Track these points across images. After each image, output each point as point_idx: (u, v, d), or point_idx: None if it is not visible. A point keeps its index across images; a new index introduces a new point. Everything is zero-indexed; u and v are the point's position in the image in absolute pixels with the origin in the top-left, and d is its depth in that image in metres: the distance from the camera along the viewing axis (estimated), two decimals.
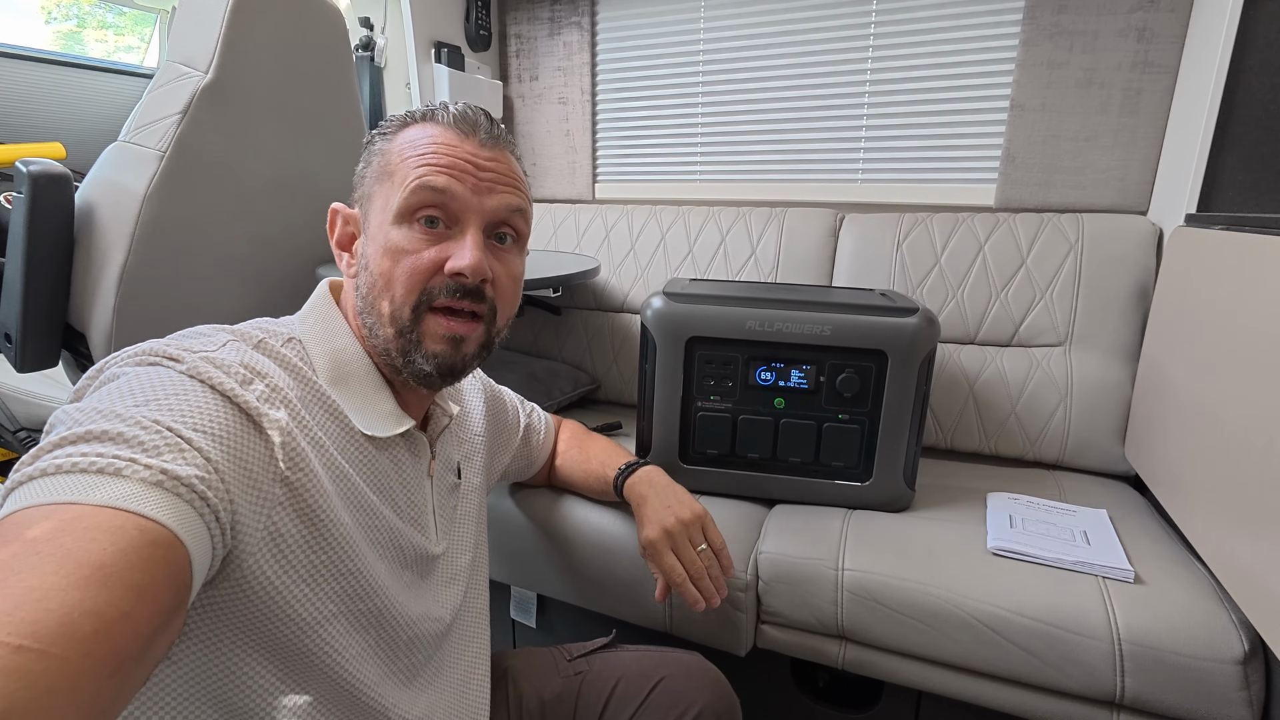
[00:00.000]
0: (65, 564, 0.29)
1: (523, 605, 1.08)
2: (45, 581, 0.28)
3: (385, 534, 0.52)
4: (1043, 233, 1.17)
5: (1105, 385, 1.09)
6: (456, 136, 0.52)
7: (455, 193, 0.51)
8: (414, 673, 0.56)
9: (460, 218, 0.52)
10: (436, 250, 0.51)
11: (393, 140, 0.53)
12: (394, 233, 0.51)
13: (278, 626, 0.44)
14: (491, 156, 0.53)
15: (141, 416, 0.37)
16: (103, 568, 0.30)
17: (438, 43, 1.51)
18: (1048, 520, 0.89)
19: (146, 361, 0.42)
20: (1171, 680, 0.69)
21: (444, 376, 0.53)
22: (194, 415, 0.39)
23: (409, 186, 0.50)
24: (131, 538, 0.32)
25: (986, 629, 0.76)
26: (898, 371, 0.89)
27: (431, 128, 0.53)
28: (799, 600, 0.84)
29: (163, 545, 0.33)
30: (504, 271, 0.55)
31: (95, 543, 0.30)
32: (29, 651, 0.26)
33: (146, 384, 0.39)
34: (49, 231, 0.95)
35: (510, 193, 0.54)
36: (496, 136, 0.54)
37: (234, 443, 0.40)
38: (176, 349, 0.42)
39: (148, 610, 0.31)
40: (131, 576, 0.31)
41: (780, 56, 1.44)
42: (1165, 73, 1.13)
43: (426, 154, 0.51)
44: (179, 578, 0.34)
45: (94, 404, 0.37)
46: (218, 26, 0.96)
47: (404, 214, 0.51)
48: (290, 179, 1.13)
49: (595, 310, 1.47)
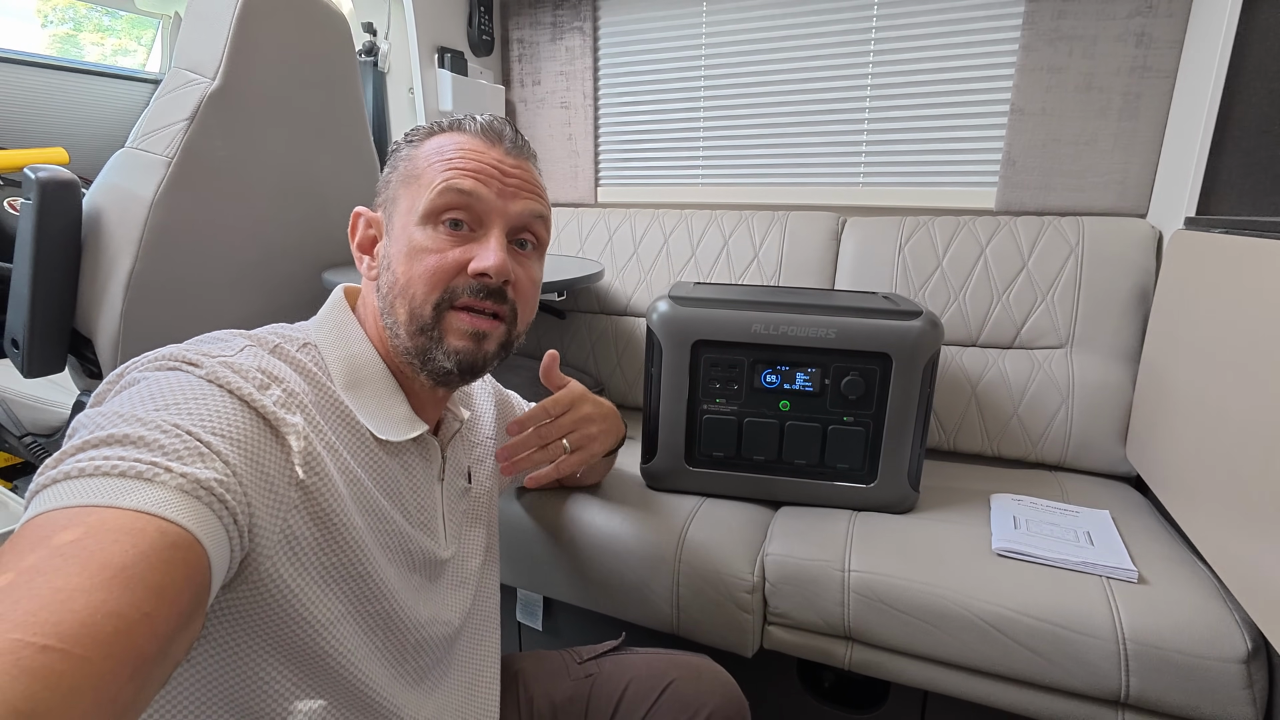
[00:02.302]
0: (89, 566, 0.30)
1: (529, 608, 1.08)
2: (70, 583, 0.29)
3: (395, 538, 0.53)
4: (1043, 236, 1.18)
5: (1106, 387, 1.10)
6: (483, 144, 0.54)
7: (481, 195, 0.52)
8: (422, 675, 0.56)
9: (485, 220, 0.53)
10: (461, 251, 0.52)
11: (420, 147, 0.55)
12: (418, 233, 0.52)
13: (292, 628, 0.44)
14: (516, 164, 0.55)
15: (162, 421, 0.37)
16: (125, 569, 0.30)
17: (440, 48, 1.51)
18: (1051, 521, 0.90)
19: (166, 366, 0.42)
20: (1176, 679, 0.70)
21: (464, 374, 0.54)
22: (213, 420, 0.39)
23: (436, 188, 0.51)
24: (152, 540, 0.32)
25: (992, 629, 0.76)
26: (902, 374, 0.90)
27: (459, 136, 0.54)
28: (805, 601, 0.85)
29: (182, 547, 0.33)
30: (525, 275, 0.56)
31: (118, 545, 0.31)
32: (54, 651, 0.26)
33: (166, 389, 0.40)
34: (57, 237, 0.95)
35: (533, 199, 0.56)
36: (520, 147, 0.56)
37: (252, 447, 0.40)
38: (195, 354, 0.43)
39: (167, 611, 0.31)
40: (152, 578, 0.31)
41: (782, 61, 1.45)
42: (1164, 77, 1.15)
43: (454, 159, 0.53)
44: (198, 579, 0.34)
45: (115, 408, 0.38)
46: (225, 33, 0.96)
47: (429, 215, 0.52)
48: (296, 184, 1.14)
49: (599, 314, 1.47)
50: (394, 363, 0.55)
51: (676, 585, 0.88)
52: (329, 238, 1.20)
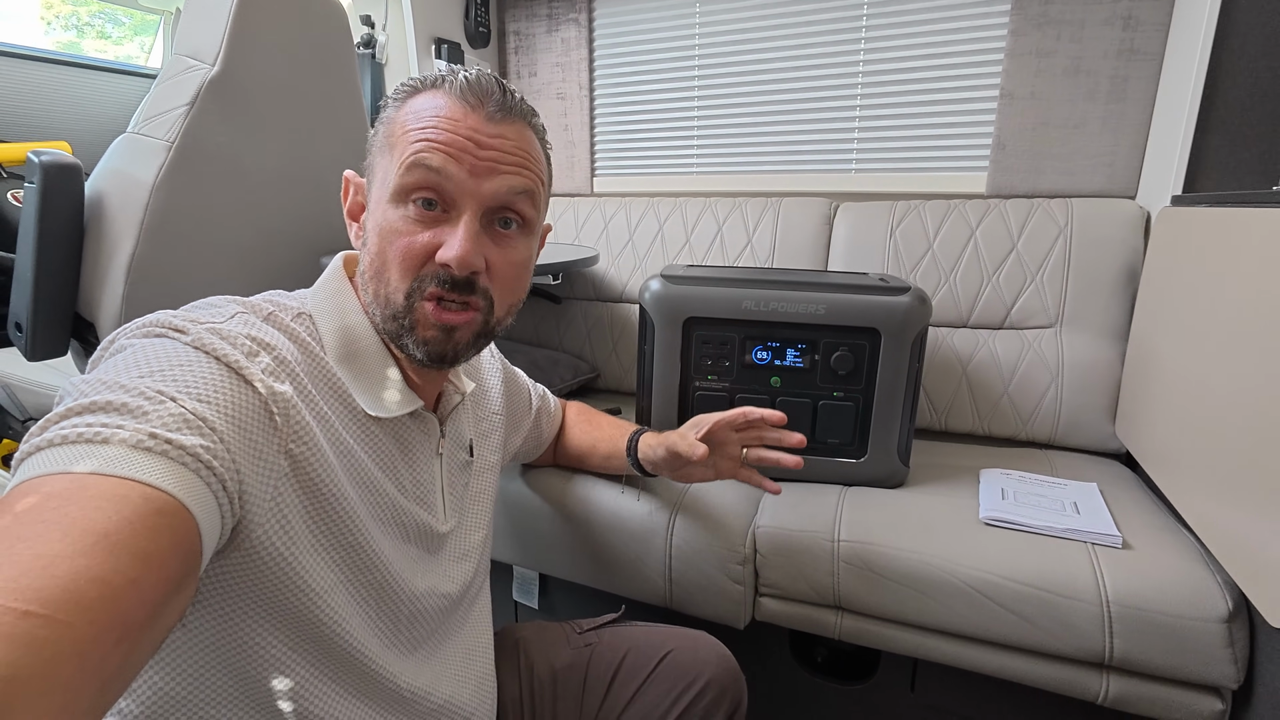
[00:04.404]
0: (71, 531, 0.29)
1: (525, 586, 1.10)
2: (51, 549, 0.28)
3: (389, 510, 0.52)
4: (1033, 218, 1.19)
5: (1096, 365, 1.11)
6: (462, 109, 0.49)
7: (450, 173, 0.48)
8: (417, 644, 0.56)
9: (456, 201, 0.49)
10: (431, 235, 0.49)
11: (401, 108, 0.51)
12: (390, 212, 0.49)
13: (286, 596, 0.44)
14: (498, 133, 0.50)
15: (145, 387, 0.37)
16: (108, 535, 0.30)
17: (438, 39, 1.53)
18: (1039, 493, 0.91)
19: (154, 333, 0.42)
20: (1159, 640, 0.71)
21: (435, 362, 0.52)
22: (198, 386, 0.39)
23: (404, 163, 0.48)
24: (136, 506, 0.32)
25: (979, 595, 0.77)
26: (891, 349, 0.91)
27: (439, 97, 0.50)
28: (796, 572, 0.86)
29: (169, 514, 0.33)
30: (503, 258, 0.52)
31: (100, 511, 0.31)
32: (35, 617, 0.26)
33: (152, 355, 0.40)
34: (60, 221, 0.97)
35: (514, 173, 0.50)
36: (509, 108, 0.51)
37: (238, 414, 0.40)
38: (183, 320, 0.43)
39: (155, 578, 0.31)
40: (138, 544, 0.31)
41: (774, 50, 1.46)
42: (1150, 60, 1.16)
43: (427, 128, 0.49)
44: (187, 546, 0.34)
45: (99, 375, 0.38)
46: (224, 20, 0.98)
47: (399, 193, 0.49)
48: (295, 170, 1.15)
49: (594, 300, 1.49)
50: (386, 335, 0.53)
51: (669, 559, 0.89)
52: (327, 224, 1.22)
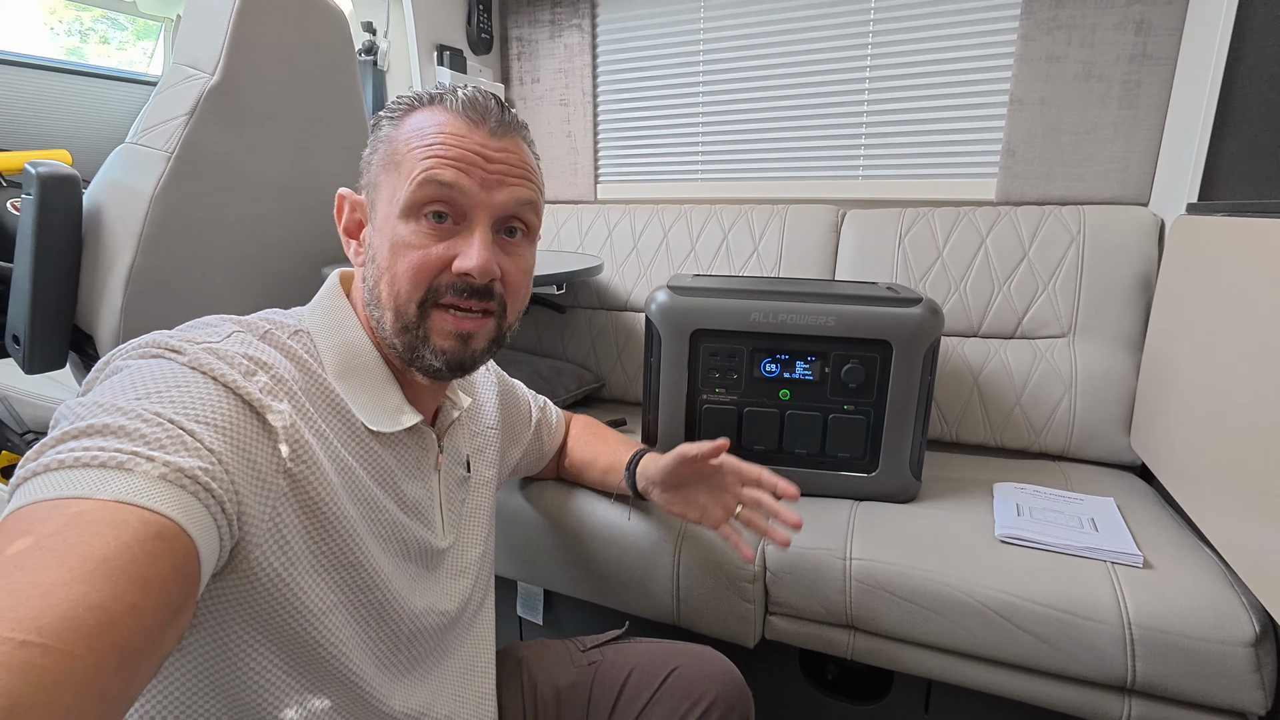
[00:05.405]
0: (69, 559, 0.29)
1: (529, 602, 1.08)
2: (50, 577, 0.28)
3: (389, 528, 0.52)
4: (1044, 225, 1.17)
5: (1110, 375, 1.09)
6: (465, 125, 0.50)
7: (463, 187, 0.49)
8: (414, 664, 0.55)
9: (468, 213, 0.51)
10: (444, 247, 0.50)
11: (399, 126, 0.52)
12: (401, 227, 0.50)
13: (283, 618, 0.44)
14: (501, 147, 0.51)
15: (143, 410, 0.36)
16: (107, 561, 0.30)
17: (440, 46, 1.52)
18: (1055, 508, 0.89)
19: (150, 354, 0.42)
20: (1183, 664, 0.69)
21: (453, 371, 0.53)
22: (196, 407, 0.38)
23: (415, 179, 0.49)
24: (135, 531, 0.32)
25: (996, 616, 0.75)
26: (902, 361, 0.89)
27: (440, 114, 0.51)
28: (807, 590, 0.84)
29: (168, 538, 0.33)
30: (513, 266, 0.54)
31: (99, 537, 0.30)
32: (34, 646, 0.26)
33: (149, 376, 0.39)
34: (58, 232, 0.96)
35: (520, 185, 0.52)
36: (507, 124, 0.52)
37: (237, 435, 0.40)
38: (179, 340, 0.42)
39: (154, 603, 0.31)
40: (136, 570, 0.31)
41: (780, 55, 1.45)
42: (1164, 64, 1.14)
43: (434, 144, 0.49)
44: (185, 570, 0.33)
45: (96, 398, 0.37)
46: (224, 29, 0.97)
47: (411, 208, 0.50)
48: (295, 180, 1.14)
49: (599, 309, 1.47)
50: (386, 351, 0.54)
51: (677, 576, 0.87)
52: (328, 234, 1.20)
